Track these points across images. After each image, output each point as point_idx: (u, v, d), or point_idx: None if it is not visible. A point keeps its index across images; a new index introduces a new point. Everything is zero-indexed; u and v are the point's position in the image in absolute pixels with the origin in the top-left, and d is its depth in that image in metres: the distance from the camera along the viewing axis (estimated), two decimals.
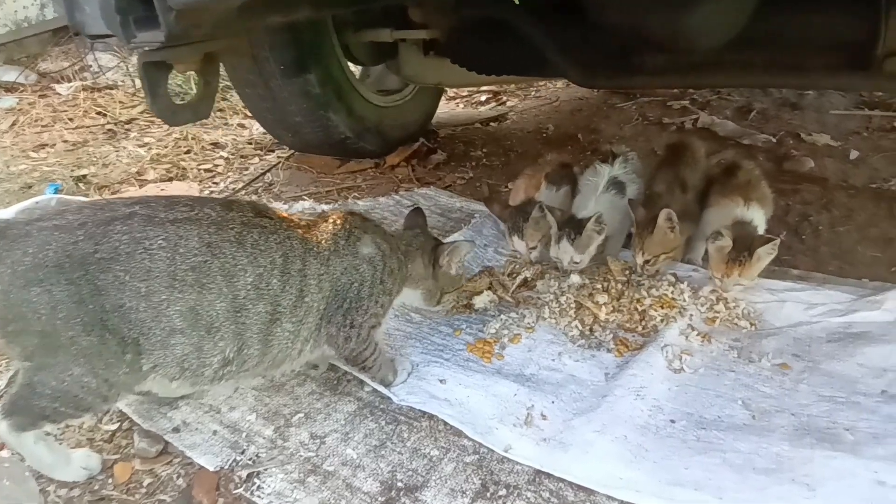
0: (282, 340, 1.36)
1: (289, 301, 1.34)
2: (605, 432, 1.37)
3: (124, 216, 1.20)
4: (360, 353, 1.47)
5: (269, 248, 1.31)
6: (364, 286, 1.44)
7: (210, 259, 1.23)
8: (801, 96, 4.03)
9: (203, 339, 1.25)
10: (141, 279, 1.18)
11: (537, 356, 1.66)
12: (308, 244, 1.39)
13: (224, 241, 1.26)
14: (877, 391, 1.48)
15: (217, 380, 1.32)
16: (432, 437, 1.43)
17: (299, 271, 1.35)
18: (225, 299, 1.25)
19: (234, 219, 1.30)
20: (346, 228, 1.46)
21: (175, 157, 3.19)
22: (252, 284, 1.28)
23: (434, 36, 2.60)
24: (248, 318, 1.28)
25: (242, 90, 2.78)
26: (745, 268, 1.72)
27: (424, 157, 3.15)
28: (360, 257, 1.45)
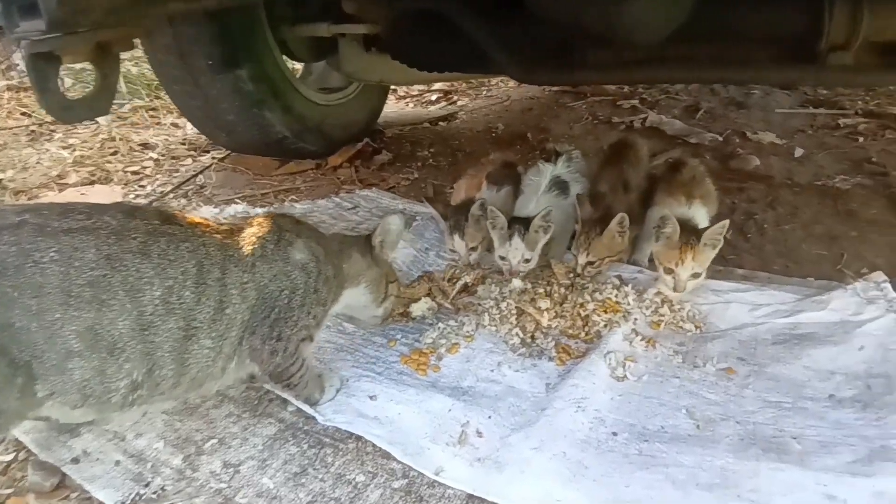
0: (200, 359, 1.23)
1: (206, 314, 1.21)
2: (542, 449, 1.28)
3: (12, 225, 1.08)
4: (286, 369, 1.34)
5: (180, 258, 1.19)
6: (295, 295, 1.32)
7: (110, 273, 1.11)
8: (747, 95, 4.07)
9: (105, 361, 1.12)
10: (31, 296, 1.05)
11: (475, 367, 1.56)
12: (228, 250, 1.27)
13: (126, 251, 1.14)
14: (824, 395, 1.43)
15: (128, 406, 1.19)
16: (359, 460, 1.31)
17: (218, 280, 1.23)
18: (129, 317, 1.13)
19: (138, 227, 1.17)
20: (276, 232, 1.35)
21: (100, 160, 2.99)
22: (160, 299, 1.16)
23: (374, 31, 2.49)
24: (158, 337, 1.16)
25: (170, 87, 2.61)
26: (697, 252, 1.65)
27: (369, 157, 3.03)
28: (292, 263, 1.33)
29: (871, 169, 2.76)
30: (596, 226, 1.78)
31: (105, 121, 3.40)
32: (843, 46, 1.78)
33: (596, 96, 4.19)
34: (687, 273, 1.68)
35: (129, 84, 3.77)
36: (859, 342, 1.56)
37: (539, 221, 1.78)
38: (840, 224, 2.30)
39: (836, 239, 2.19)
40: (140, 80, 3.85)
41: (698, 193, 1.84)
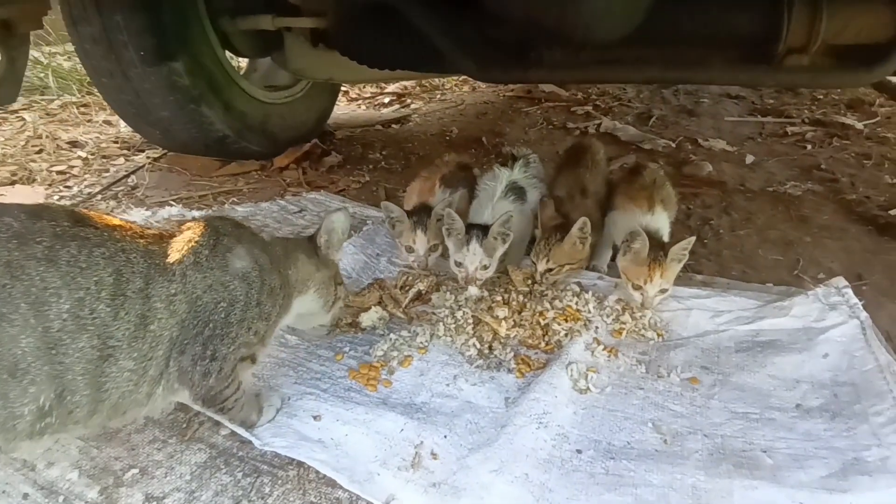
0: (120, 383, 1.07)
1: (125, 331, 1.06)
2: (503, 471, 1.17)
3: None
4: (219, 393, 1.18)
5: (94, 265, 1.03)
6: (234, 308, 1.16)
7: (10, 282, 0.96)
8: (697, 103, 4.13)
9: (6, 384, 0.96)
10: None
11: (430, 381, 1.45)
12: (154, 257, 1.11)
13: (29, 258, 0.98)
14: (791, 405, 1.38)
15: (37, 434, 1.03)
16: (300, 489, 1.18)
17: (140, 291, 1.07)
18: (32, 333, 0.97)
19: (44, 230, 1.02)
20: (213, 236, 1.19)
21: (24, 158, 2.74)
22: (69, 312, 1.00)
23: (322, 25, 2.36)
24: (68, 357, 1.01)
25: (98, 80, 2.41)
26: (664, 269, 1.61)
27: (318, 159, 2.88)
28: (231, 272, 1.17)
29: (821, 175, 2.80)
30: (556, 232, 1.71)
31: (31, 117, 3.14)
32: (800, 50, 1.77)
33: (550, 102, 4.18)
34: (655, 289, 1.63)
35: (59, 79, 3.51)
36: (823, 349, 1.53)
37: (498, 228, 1.69)
38: (794, 230, 2.30)
39: (791, 244, 2.19)
40: (71, 76, 3.59)
41: (659, 198, 1.80)
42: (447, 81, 4.66)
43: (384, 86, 4.51)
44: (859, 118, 3.65)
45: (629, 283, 1.67)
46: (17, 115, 3.24)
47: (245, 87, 2.60)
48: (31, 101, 3.37)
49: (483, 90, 4.62)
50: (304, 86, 2.93)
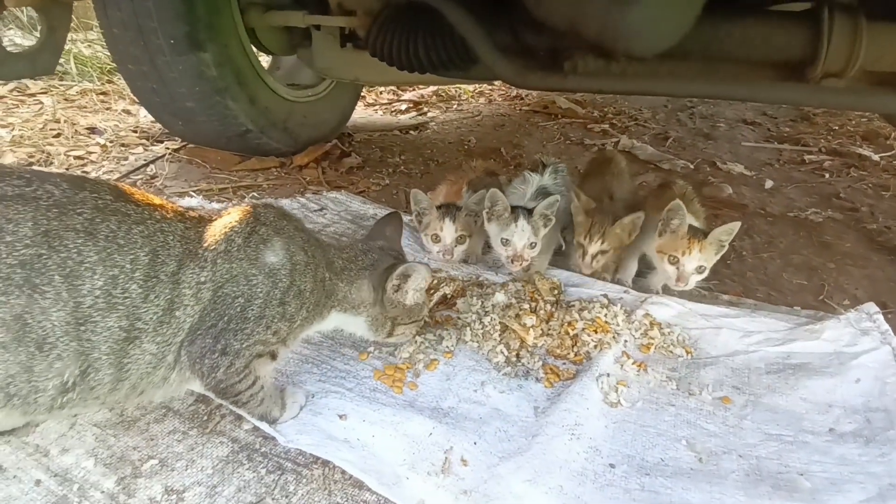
0: (141, 365, 1.05)
1: (152, 315, 1.03)
2: (537, 482, 1.14)
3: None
4: (231, 387, 1.13)
5: (132, 243, 1.01)
6: (252, 304, 1.11)
7: (46, 252, 0.94)
8: (713, 127, 4.13)
9: (33, 357, 0.95)
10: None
11: (457, 386, 1.41)
12: (190, 241, 1.08)
13: (68, 228, 0.96)
14: (824, 429, 1.35)
15: (56, 409, 1.02)
16: (326, 489, 1.14)
17: (172, 276, 1.04)
18: (64, 307, 0.96)
19: (85, 201, 0.99)
20: (250, 224, 1.14)
21: (41, 141, 2.71)
22: (102, 290, 0.98)
23: (352, 25, 2.35)
24: (96, 335, 0.99)
25: (125, 66, 2.38)
26: (703, 245, 1.60)
27: (337, 159, 2.86)
28: (259, 265, 1.12)
29: (841, 204, 2.80)
30: (608, 217, 1.73)
31: (50, 101, 3.11)
32: (837, 74, 1.76)
33: (567, 118, 4.18)
34: (693, 265, 1.61)
35: (80, 66, 3.49)
36: (855, 374, 1.50)
37: (543, 209, 1.71)
38: (817, 255, 2.28)
39: (815, 270, 2.17)
40: (92, 63, 3.57)
41: (690, 210, 1.77)
42: (464, 92, 4.67)
43: (401, 92, 4.51)
44: (875, 150, 3.66)
45: (665, 257, 1.65)
46: (36, 99, 3.22)
47: (270, 84, 2.58)
48: (49, 85, 3.34)
49: (499, 103, 4.63)
50: (328, 86, 2.92)
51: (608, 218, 1.73)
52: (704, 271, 1.64)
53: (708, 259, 1.63)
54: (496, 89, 4.82)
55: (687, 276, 1.62)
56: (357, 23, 2.30)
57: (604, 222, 1.72)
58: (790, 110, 4.44)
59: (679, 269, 1.62)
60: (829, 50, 1.71)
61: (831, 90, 1.74)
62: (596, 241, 1.73)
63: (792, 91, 1.78)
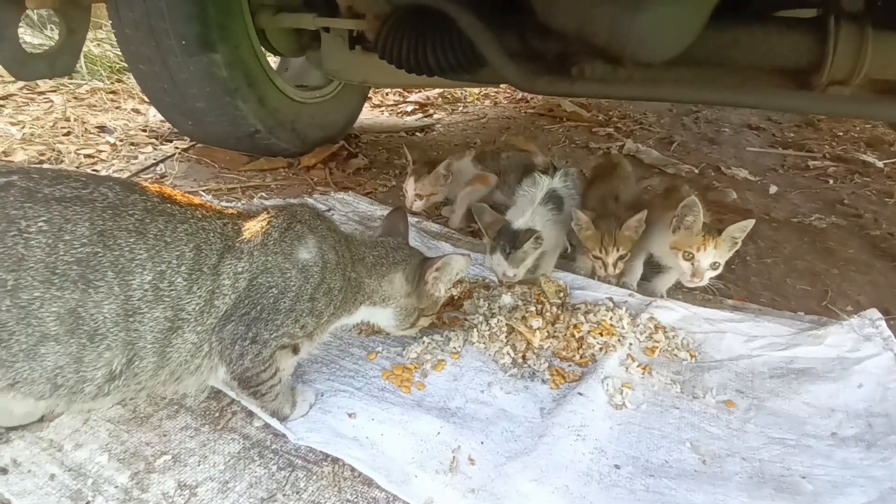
0: (182, 353, 1.10)
1: (195, 305, 1.09)
2: (543, 481, 1.16)
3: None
4: (255, 375, 1.17)
5: (177, 241, 1.07)
6: (285, 297, 1.16)
7: (101, 250, 1.00)
8: (718, 132, 4.15)
9: (84, 348, 1.01)
10: (9, 269, 0.94)
11: (464, 387, 1.43)
12: (229, 236, 1.14)
13: (121, 229, 1.02)
14: (827, 433, 1.37)
15: (101, 396, 1.07)
16: (335, 486, 1.16)
17: (213, 268, 1.10)
18: (115, 301, 1.02)
19: (136, 203, 1.06)
20: (287, 221, 1.20)
21: (51, 139, 2.74)
22: (151, 284, 1.04)
23: (361, 28, 2.37)
24: (143, 325, 1.05)
25: (136, 66, 2.41)
26: (718, 242, 1.62)
27: (344, 160, 2.88)
28: (293, 260, 1.17)
29: (845, 210, 2.81)
30: (612, 221, 1.75)
31: (60, 100, 3.14)
32: (842, 82, 1.77)
33: (572, 122, 4.20)
34: (708, 260, 1.63)
35: (89, 64, 3.51)
36: (857, 380, 1.52)
37: (529, 245, 1.71)
38: (820, 261, 2.30)
39: (819, 275, 2.18)
40: (101, 62, 3.60)
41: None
42: (469, 94, 4.69)
43: (407, 95, 4.53)
44: (879, 157, 3.67)
45: (679, 253, 1.66)
46: (46, 97, 3.25)
47: (279, 85, 2.61)
48: (59, 83, 3.37)
49: (505, 105, 4.65)
50: (336, 87, 2.94)
51: (613, 223, 1.74)
52: (719, 267, 1.66)
53: (722, 255, 1.65)
54: (501, 92, 4.84)
55: (702, 272, 1.64)
56: (366, 26, 2.32)
57: (612, 229, 1.74)
58: (795, 116, 4.46)
59: (694, 265, 1.64)
60: (834, 58, 1.73)
61: (837, 98, 1.75)
62: (612, 251, 1.76)
63: (797, 99, 1.80)
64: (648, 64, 1.88)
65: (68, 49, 1.19)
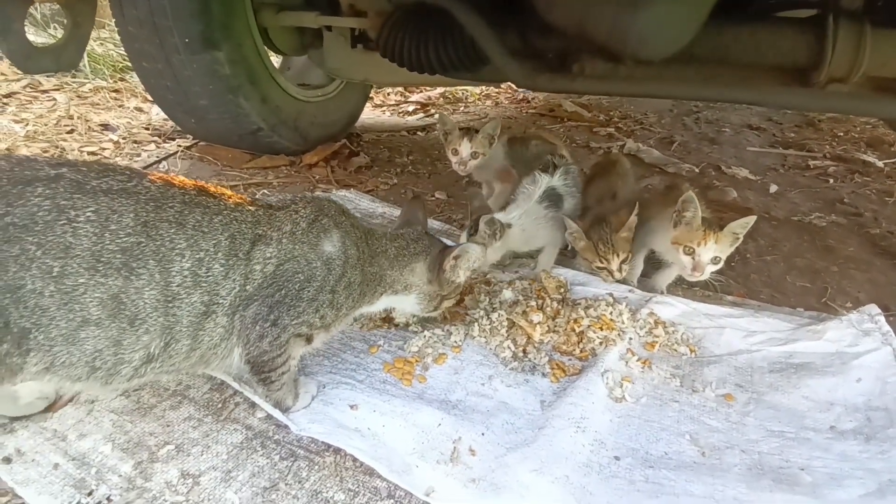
0: (213, 336, 1.14)
1: (229, 290, 1.14)
2: (543, 472, 1.16)
3: (48, 178, 1.01)
4: (270, 360, 1.20)
5: (213, 230, 1.13)
6: (310, 285, 1.21)
7: (144, 241, 1.05)
8: (718, 132, 4.16)
9: (124, 332, 1.05)
10: (56, 256, 0.98)
11: (465, 380, 1.44)
12: (260, 224, 1.19)
13: (163, 220, 1.07)
14: (825, 426, 1.37)
15: (136, 377, 1.11)
16: (337, 476, 1.17)
17: (246, 254, 1.16)
18: (156, 287, 1.06)
19: (175, 196, 1.11)
20: (315, 213, 1.26)
21: (55, 136, 2.75)
22: (189, 270, 1.09)
23: (363, 26, 2.39)
24: (181, 310, 1.10)
25: (139, 64, 2.42)
26: (719, 237, 1.63)
27: (346, 158, 2.90)
28: (318, 251, 1.22)
29: (844, 209, 2.82)
30: (603, 227, 1.76)
31: (63, 98, 3.16)
32: (841, 79, 1.79)
33: (573, 121, 4.21)
34: (709, 255, 1.65)
35: (92, 63, 3.53)
36: (856, 374, 1.52)
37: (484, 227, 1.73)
38: (820, 259, 2.31)
39: (819, 273, 2.19)
40: (104, 61, 3.62)
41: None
42: (470, 94, 4.71)
43: (408, 94, 4.55)
44: (879, 156, 3.68)
45: (680, 248, 1.67)
46: (49, 95, 3.26)
47: (281, 83, 2.62)
48: (62, 82, 3.39)
49: (506, 105, 4.66)
50: (337, 86, 2.96)
51: (606, 230, 1.76)
52: (720, 262, 1.67)
53: (723, 250, 1.66)
54: (502, 92, 4.86)
55: (703, 266, 1.65)
56: (368, 24, 2.34)
57: (605, 236, 1.76)
58: (795, 116, 4.47)
59: (695, 259, 1.65)
60: (833, 55, 1.74)
61: (835, 95, 1.77)
62: (613, 258, 1.78)
63: (796, 96, 1.81)
64: (649, 61, 1.90)
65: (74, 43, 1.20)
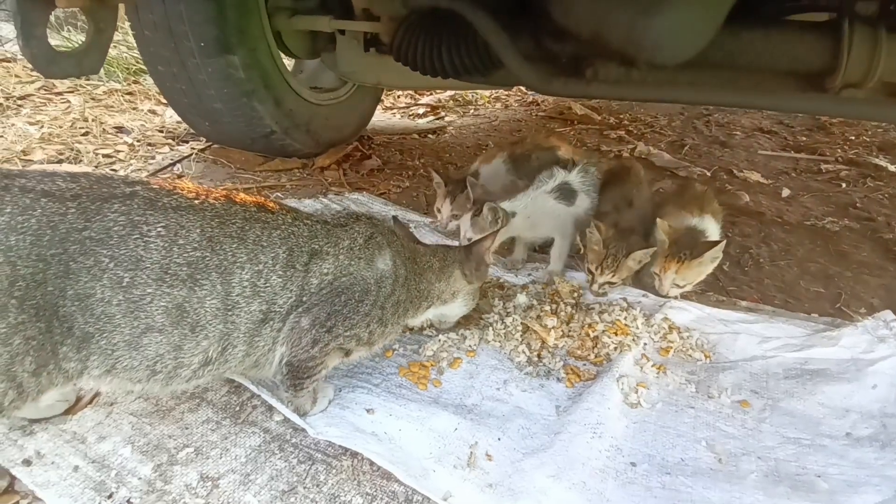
0: (267, 341, 1.19)
1: (286, 300, 1.18)
2: (560, 477, 1.17)
3: (124, 195, 1.06)
4: (311, 367, 1.23)
5: (272, 244, 1.18)
6: (365, 301, 1.26)
7: (209, 255, 1.10)
8: (729, 136, 4.15)
9: (185, 338, 1.10)
10: (127, 268, 1.04)
11: (480, 384, 1.45)
12: (317, 238, 1.24)
13: (225, 235, 1.13)
14: (841, 433, 1.37)
15: (194, 378, 1.16)
16: (355, 480, 1.17)
17: (304, 266, 1.20)
18: (217, 297, 1.11)
19: (237, 212, 1.17)
20: (369, 231, 1.31)
21: (70, 138, 2.78)
22: (249, 281, 1.14)
23: (376, 30, 2.40)
24: (239, 318, 1.14)
25: (154, 68, 2.45)
26: (682, 266, 1.67)
27: (358, 161, 2.91)
28: (372, 269, 1.27)
29: (857, 214, 2.80)
30: (622, 247, 1.75)
31: (77, 101, 3.19)
32: (856, 85, 1.78)
33: (583, 124, 4.21)
34: (669, 281, 1.72)
35: (106, 65, 3.56)
36: (872, 381, 1.52)
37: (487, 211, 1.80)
38: (833, 264, 2.30)
39: (832, 278, 2.19)
40: (118, 63, 3.65)
41: (709, 209, 1.84)
42: (480, 97, 4.71)
43: (418, 97, 4.56)
44: (891, 160, 3.66)
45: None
46: (63, 98, 3.29)
47: (294, 86, 2.64)
48: (76, 84, 3.42)
49: (515, 108, 4.66)
50: (350, 89, 2.97)
51: (623, 247, 1.75)
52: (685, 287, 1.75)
53: (687, 278, 1.73)
54: (512, 95, 4.86)
55: (666, 289, 1.74)
56: (381, 28, 2.35)
57: (618, 254, 1.75)
58: (806, 120, 4.45)
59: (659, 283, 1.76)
60: (848, 61, 1.74)
61: (850, 100, 1.76)
62: (606, 274, 1.77)
63: (811, 101, 1.81)
64: (663, 66, 1.90)
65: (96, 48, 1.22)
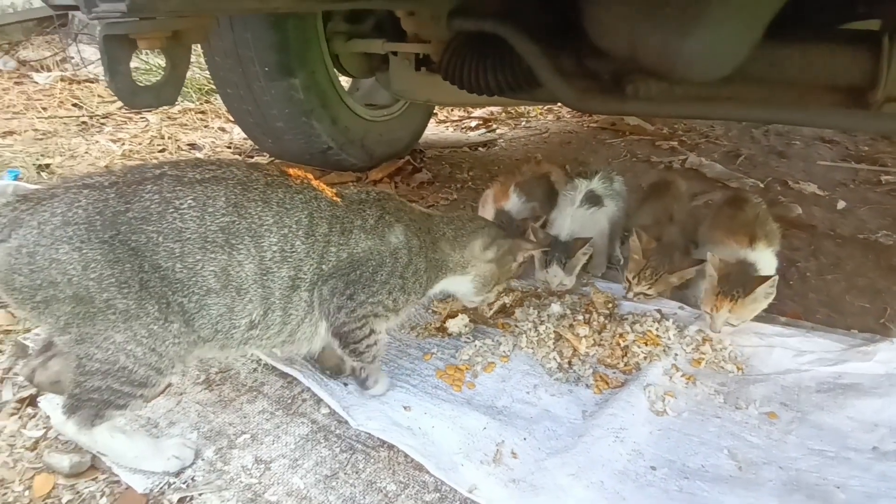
0: (299, 311, 1.29)
1: (310, 266, 1.27)
2: (580, 476, 1.25)
3: (153, 177, 1.18)
4: (352, 332, 1.34)
5: (295, 207, 1.26)
6: (382, 270, 1.35)
7: (237, 219, 1.19)
8: (788, 145, 4.05)
9: (234, 300, 1.21)
10: (174, 239, 1.14)
11: (511, 387, 1.54)
12: (336, 209, 1.32)
13: (249, 200, 1.21)
14: (868, 447, 1.38)
15: (243, 343, 1.27)
16: (390, 469, 1.29)
17: (323, 236, 1.28)
18: (253, 260, 1.21)
19: (259, 178, 1.25)
20: (381, 207, 1.39)
21: (148, 155, 3.06)
22: (278, 246, 1.23)
23: (426, 51, 2.53)
24: (273, 283, 1.24)
25: (224, 90, 2.67)
26: (736, 304, 1.63)
27: (409, 174, 3.05)
28: (385, 243, 1.36)
29: None
30: (665, 262, 1.78)
31: (155, 119, 3.49)
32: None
33: (635, 135, 4.21)
34: (721, 320, 1.67)
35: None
36: None
37: (582, 253, 1.83)
38: (883, 278, 2.25)
39: (880, 293, 2.14)
40: (191, 84, 3.95)
41: (762, 234, 1.78)
42: (532, 109, 4.78)
43: (471, 110, 4.68)
44: None
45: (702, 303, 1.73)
46: (142, 117, 3.61)
47: (350, 104, 2.81)
48: None
49: (567, 120, 4.71)
50: (402, 106, 3.12)
51: (665, 263, 1.77)
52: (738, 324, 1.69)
53: (741, 315, 1.67)
54: (564, 107, 4.90)
55: (717, 327, 1.68)
56: (431, 49, 2.48)
57: (660, 268, 1.77)
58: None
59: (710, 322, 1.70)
60: (889, 74, 1.72)
61: (893, 116, 1.74)
62: (643, 285, 1.80)
63: (852, 117, 1.80)
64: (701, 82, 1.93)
65: (172, 82, 1.39)
